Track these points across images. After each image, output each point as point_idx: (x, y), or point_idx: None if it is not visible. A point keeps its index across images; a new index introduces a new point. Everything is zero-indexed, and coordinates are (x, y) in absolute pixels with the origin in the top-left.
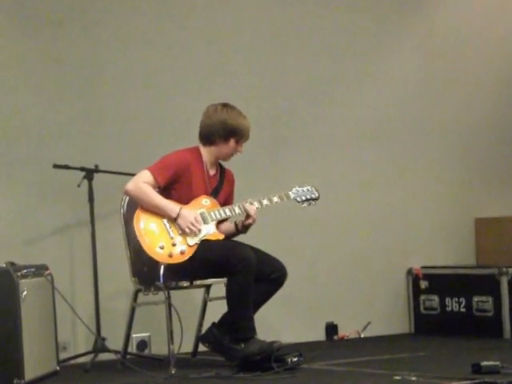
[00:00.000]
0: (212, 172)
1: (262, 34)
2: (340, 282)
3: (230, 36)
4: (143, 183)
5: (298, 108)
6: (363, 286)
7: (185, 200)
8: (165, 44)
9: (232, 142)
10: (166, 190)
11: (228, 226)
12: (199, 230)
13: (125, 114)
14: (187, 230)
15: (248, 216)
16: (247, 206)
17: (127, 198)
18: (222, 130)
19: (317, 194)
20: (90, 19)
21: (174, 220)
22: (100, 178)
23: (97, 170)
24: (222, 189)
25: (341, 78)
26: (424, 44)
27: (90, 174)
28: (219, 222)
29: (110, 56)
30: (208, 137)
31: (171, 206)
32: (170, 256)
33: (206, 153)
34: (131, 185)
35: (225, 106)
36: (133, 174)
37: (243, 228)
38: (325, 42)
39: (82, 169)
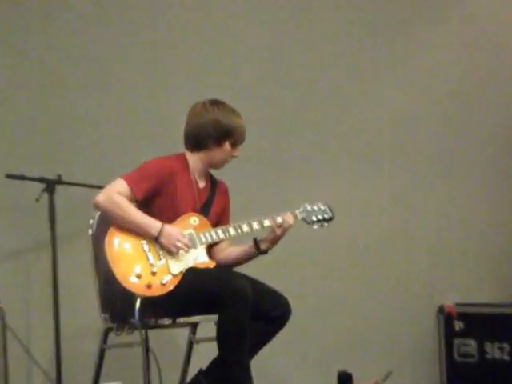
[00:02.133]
0: (201, 184)
1: (264, 30)
2: (356, 322)
3: (226, 33)
4: (117, 194)
5: (306, 113)
6: (384, 327)
7: (168, 218)
8: (141, 38)
9: (227, 146)
10: (144, 206)
11: (240, 248)
12: (188, 247)
13: (95, 114)
14: (174, 249)
15: (279, 226)
16: (285, 216)
17: (97, 214)
18: (215, 132)
19: (331, 214)
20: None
21: (155, 240)
22: (64, 190)
23: (60, 181)
24: (213, 204)
25: (355, 80)
26: (460, 38)
27: (51, 185)
28: (210, 246)
29: (72, 50)
30: (197, 141)
31: (152, 223)
32: (149, 287)
33: (195, 160)
34: (102, 196)
35: (214, 102)
36: (103, 187)
37: (271, 242)
38: (338, 38)
39: (42, 179)
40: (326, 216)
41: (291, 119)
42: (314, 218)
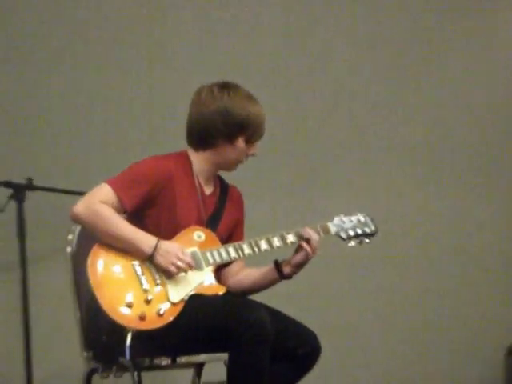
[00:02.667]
0: (208, 190)
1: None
2: (404, 364)
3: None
4: (101, 203)
5: (337, 109)
6: (440, 371)
7: (166, 233)
8: (118, 29)
9: (240, 142)
10: (135, 218)
11: (257, 271)
12: (191, 267)
13: (72, 104)
14: (173, 270)
15: (301, 246)
16: (306, 230)
17: (78, 228)
18: (225, 126)
19: (373, 228)
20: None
21: (149, 260)
22: (35, 197)
23: (30, 185)
24: (223, 216)
25: (393, 80)
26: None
27: (19, 191)
28: (219, 268)
29: (43, 46)
30: (202, 137)
31: (145, 238)
32: (142, 319)
33: (199, 160)
34: (82, 206)
35: (224, 86)
36: (84, 193)
37: (296, 265)
38: (372, 29)
39: (8, 184)
40: (366, 230)
41: (319, 115)
42: (351, 233)
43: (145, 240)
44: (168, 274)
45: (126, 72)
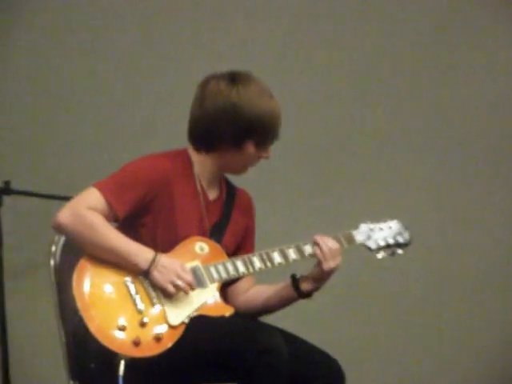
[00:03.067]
0: (212, 194)
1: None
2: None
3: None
4: (88, 210)
5: (364, 103)
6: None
7: (163, 244)
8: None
9: (249, 147)
10: (128, 227)
11: (270, 288)
12: (192, 287)
13: (53, 103)
14: (171, 289)
15: (327, 254)
16: (321, 239)
17: (62, 238)
18: (231, 127)
19: (407, 237)
20: None
21: (144, 276)
22: (14, 203)
23: (8, 189)
24: (230, 224)
25: (430, 69)
26: None
27: None
28: (226, 286)
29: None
30: (206, 139)
31: (140, 251)
32: (137, 344)
33: (202, 161)
34: (67, 213)
35: (234, 79)
36: (69, 198)
37: (317, 280)
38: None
39: None
40: (399, 239)
41: (341, 109)
42: (382, 243)
43: (140, 253)
44: (166, 294)
45: (114, 59)
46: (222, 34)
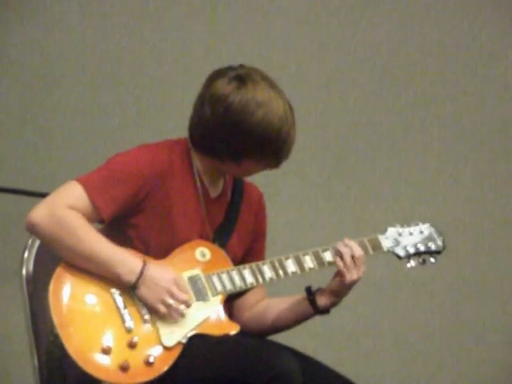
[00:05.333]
0: (215, 191)
1: None
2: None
3: None
4: (67, 210)
5: (379, 98)
6: None
7: (157, 249)
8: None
9: (250, 164)
10: (115, 230)
11: (283, 302)
12: (187, 305)
13: (29, 84)
14: (162, 308)
15: (348, 262)
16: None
17: (37, 242)
18: (228, 144)
19: (440, 244)
20: None
21: (131, 289)
22: None
23: None
24: (236, 226)
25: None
26: None
27: None
28: (231, 299)
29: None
30: (203, 145)
31: (126, 259)
32: (125, 369)
33: (202, 159)
34: (42, 212)
35: (241, 83)
36: (46, 194)
37: (335, 293)
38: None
39: None
40: (431, 246)
41: (366, 103)
42: (412, 250)
43: (126, 262)
44: (158, 313)
45: (98, 45)
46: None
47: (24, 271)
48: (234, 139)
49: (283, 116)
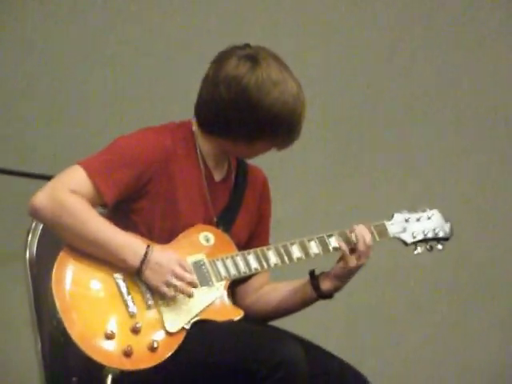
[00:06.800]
0: (219, 174)
1: None
2: None
3: None
4: (70, 194)
5: (391, 79)
6: None
7: (161, 234)
8: None
9: (261, 144)
10: (118, 214)
11: (286, 286)
12: (194, 286)
13: (31, 65)
14: (166, 290)
15: (352, 248)
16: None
17: (40, 225)
18: (243, 125)
19: (448, 230)
20: None
21: (136, 273)
22: None
23: None
24: (241, 210)
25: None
26: None
27: None
28: (235, 284)
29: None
30: (212, 125)
31: (130, 243)
32: (128, 355)
33: (207, 142)
34: (44, 196)
35: (255, 63)
36: (49, 178)
37: (339, 278)
38: None
39: None
40: (439, 233)
41: (374, 83)
42: (419, 236)
43: (129, 246)
44: (163, 296)
45: (100, 27)
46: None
47: (27, 254)
48: (249, 119)
49: (297, 95)
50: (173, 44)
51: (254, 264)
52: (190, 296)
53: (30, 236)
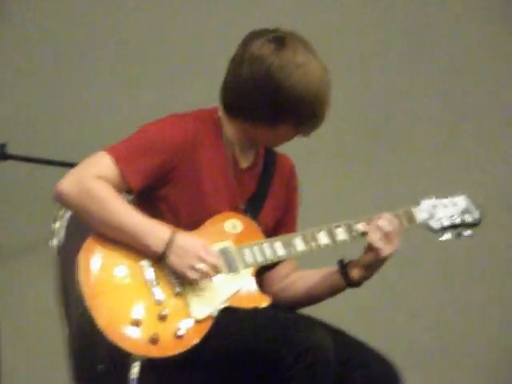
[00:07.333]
0: (246, 161)
1: None
2: None
3: None
4: (96, 180)
5: (420, 63)
6: None
7: (187, 221)
8: None
9: (285, 128)
10: (144, 201)
11: (315, 274)
12: (218, 272)
13: (56, 55)
14: (191, 274)
15: (378, 240)
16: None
17: (67, 214)
18: (267, 105)
19: (477, 216)
20: None
21: (160, 259)
22: (9, 169)
23: (3, 153)
24: (268, 197)
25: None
26: None
27: None
28: (262, 271)
29: None
30: (236, 107)
31: (155, 229)
32: (154, 342)
33: (232, 127)
34: (70, 182)
35: (281, 44)
36: (75, 165)
37: (368, 267)
38: None
39: None
40: (467, 219)
41: (402, 66)
42: (446, 223)
43: (154, 232)
44: (188, 281)
45: (125, 13)
46: None
47: (54, 242)
48: (272, 100)
49: (321, 77)
50: (196, 29)
51: (280, 251)
52: (211, 279)
53: (56, 224)
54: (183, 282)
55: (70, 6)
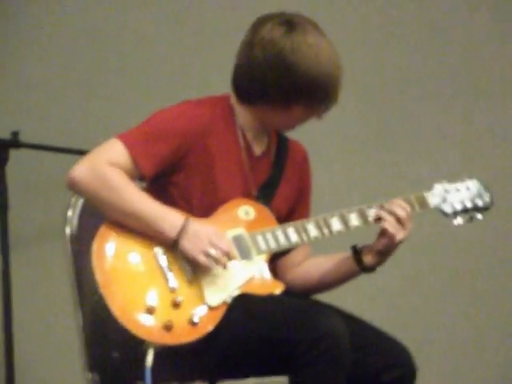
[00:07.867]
0: (259, 148)
1: None
2: None
3: None
4: (109, 166)
5: (430, 50)
6: None
7: (199, 208)
8: None
9: (298, 109)
10: (157, 188)
11: (328, 260)
12: (231, 258)
13: (67, 43)
14: (203, 259)
15: (396, 220)
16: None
17: (80, 201)
18: (279, 86)
19: (488, 200)
20: None
21: (173, 245)
22: (22, 157)
23: (16, 141)
24: (281, 184)
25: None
26: None
27: (1, 149)
28: (275, 257)
29: None
30: (249, 91)
31: (168, 215)
32: (168, 329)
33: (245, 113)
34: (83, 169)
35: (291, 26)
36: (87, 152)
37: (381, 252)
38: None
39: None
40: (479, 203)
41: (412, 52)
42: (459, 207)
43: (167, 218)
44: (202, 267)
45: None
46: None
47: (68, 230)
48: (285, 81)
49: (333, 58)
50: (208, 17)
51: (294, 237)
52: (224, 265)
53: (70, 211)
54: (196, 269)
55: None
